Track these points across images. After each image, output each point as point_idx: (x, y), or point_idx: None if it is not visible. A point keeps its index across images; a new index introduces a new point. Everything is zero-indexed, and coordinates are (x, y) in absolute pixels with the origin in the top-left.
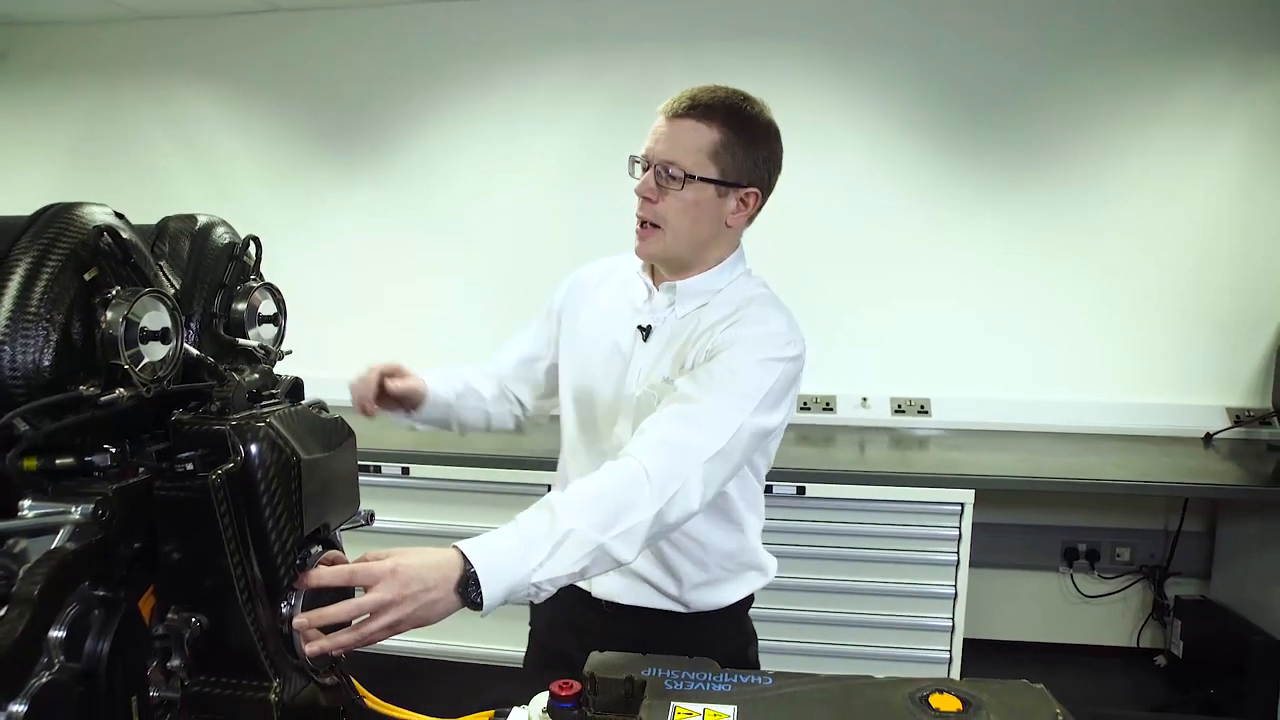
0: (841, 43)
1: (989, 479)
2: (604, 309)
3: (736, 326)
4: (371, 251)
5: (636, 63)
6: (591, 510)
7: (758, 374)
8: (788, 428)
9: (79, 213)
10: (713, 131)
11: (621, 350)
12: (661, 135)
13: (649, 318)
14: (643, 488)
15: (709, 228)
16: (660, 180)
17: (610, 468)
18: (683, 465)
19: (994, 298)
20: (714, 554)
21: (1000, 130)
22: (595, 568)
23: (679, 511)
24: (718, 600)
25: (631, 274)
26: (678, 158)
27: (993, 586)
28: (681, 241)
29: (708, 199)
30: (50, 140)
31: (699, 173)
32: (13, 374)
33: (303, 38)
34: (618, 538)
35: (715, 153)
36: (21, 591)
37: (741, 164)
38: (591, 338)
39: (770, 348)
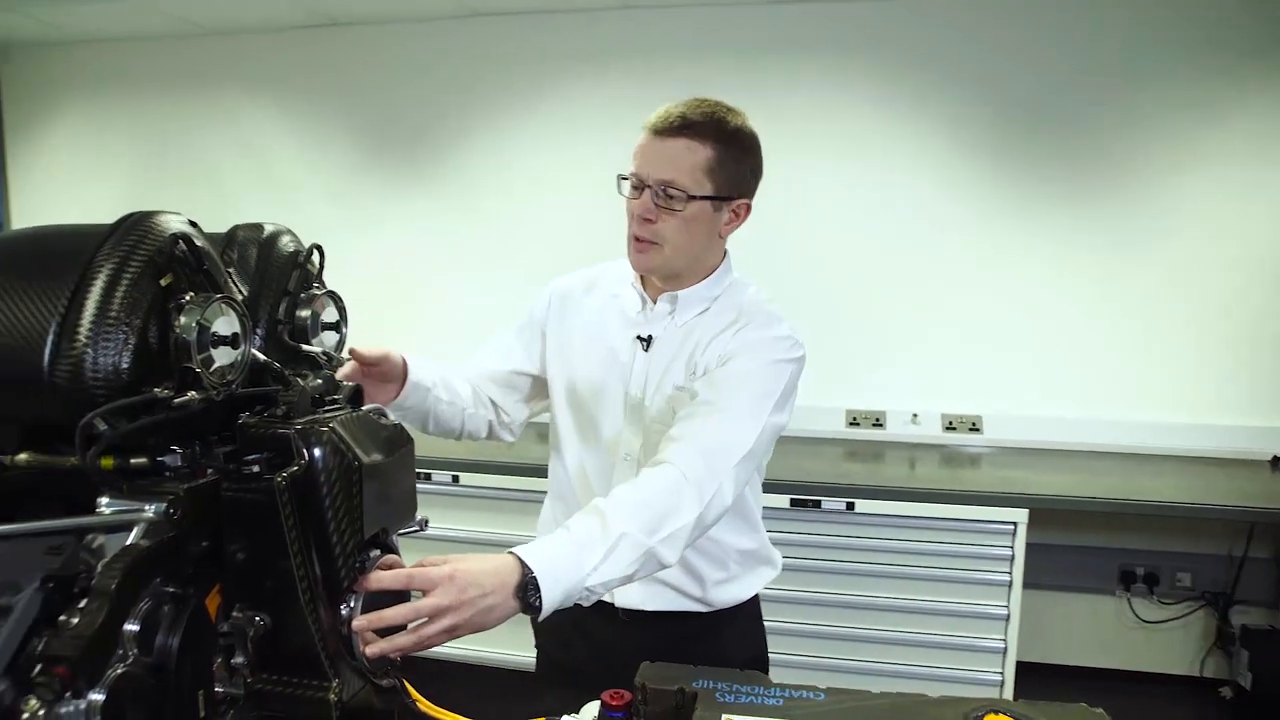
0: (894, 58)
1: (1043, 498)
2: (592, 319)
3: (745, 331)
4: (425, 258)
5: (686, 74)
6: (639, 515)
7: (770, 375)
8: (835, 442)
9: (156, 221)
10: (706, 149)
11: (619, 359)
12: (654, 155)
13: (648, 328)
14: (684, 493)
15: (704, 240)
16: (658, 200)
17: (650, 474)
18: (718, 468)
19: (1049, 313)
20: (730, 551)
21: (1057, 143)
22: (643, 571)
23: (716, 512)
24: (736, 596)
25: (618, 284)
26: (676, 178)
27: (1046, 608)
28: (679, 256)
29: (704, 214)
30: (123, 152)
31: (698, 192)
32: (94, 376)
33: (361, 51)
34: (664, 541)
35: (710, 170)
36: (100, 585)
37: (733, 177)
38: (583, 348)
39: (779, 350)
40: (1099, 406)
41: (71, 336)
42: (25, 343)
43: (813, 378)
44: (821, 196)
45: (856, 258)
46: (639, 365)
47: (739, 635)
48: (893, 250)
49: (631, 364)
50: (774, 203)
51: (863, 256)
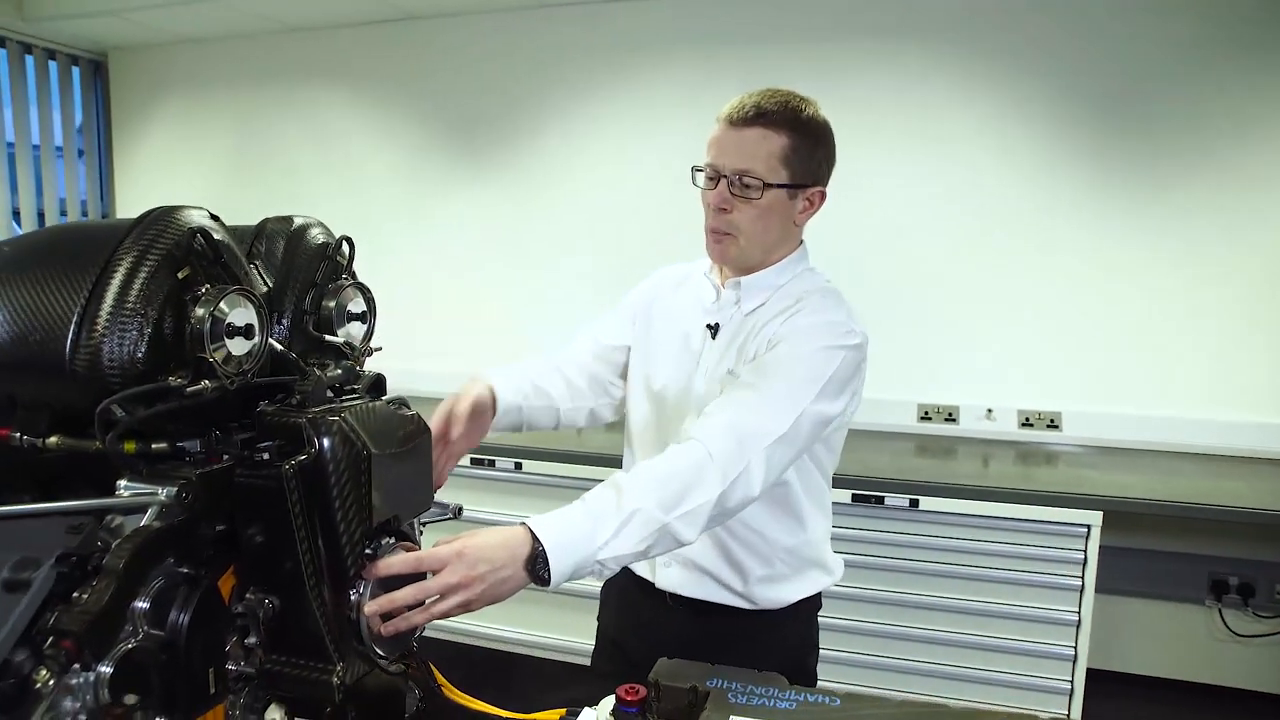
0: (973, 41)
1: (1119, 500)
2: (677, 311)
3: (797, 316)
4: (494, 249)
5: (756, 63)
6: (657, 490)
7: (819, 360)
8: (905, 437)
9: (177, 216)
10: (781, 137)
11: (691, 348)
12: (730, 145)
13: (717, 316)
14: (707, 470)
15: (779, 230)
16: (734, 190)
17: (675, 450)
18: (746, 449)
19: (1135, 306)
20: (775, 548)
21: (1144, 131)
22: (658, 547)
23: (740, 495)
24: (781, 597)
25: (701, 276)
26: (751, 166)
27: (1124, 615)
28: (755, 245)
29: (780, 203)
30: (214, 144)
31: (774, 180)
32: (110, 364)
33: (433, 43)
34: (681, 518)
35: (786, 158)
36: (109, 564)
37: (808, 165)
38: (664, 337)
39: (830, 335)
40: (1187, 404)
41: (91, 326)
42: (50, 331)
43: (883, 370)
44: (897, 186)
45: (931, 248)
46: (707, 354)
47: (783, 641)
48: (969, 240)
49: (701, 353)
50: (848, 192)
51: (938, 246)
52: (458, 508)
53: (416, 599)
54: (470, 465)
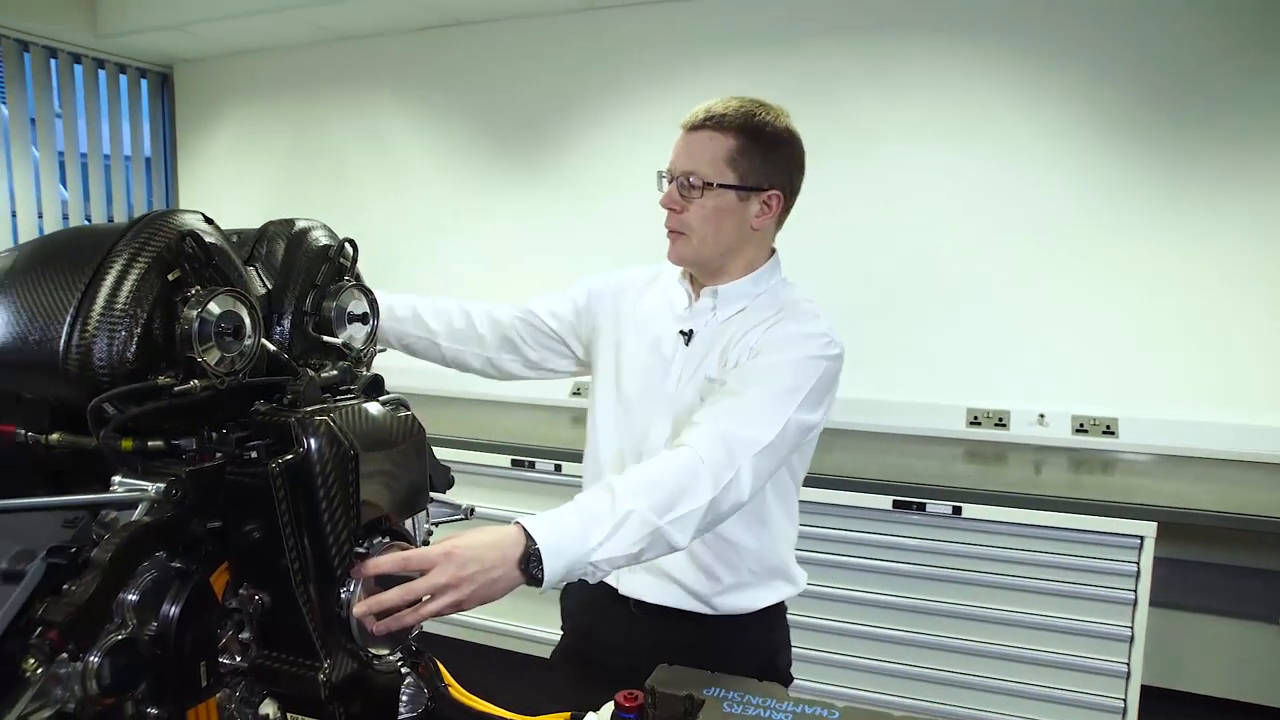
0: (1024, 36)
1: (1177, 511)
2: (646, 313)
3: (779, 326)
4: (543, 251)
5: (806, 63)
6: (650, 494)
7: (801, 370)
8: (953, 442)
9: (170, 219)
10: (728, 139)
11: (663, 353)
12: (681, 148)
13: (690, 322)
14: (700, 475)
15: (734, 232)
16: (683, 190)
17: (667, 455)
18: (736, 456)
19: (1194, 309)
20: (744, 556)
21: (1201, 127)
22: (651, 551)
23: (730, 501)
24: (743, 605)
25: (671, 280)
26: (696, 167)
27: (1184, 631)
28: (708, 246)
29: (730, 205)
30: (273, 150)
31: (718, 179)
32: (100, 363)
33: (481, 47)
34: (674, 523)
35: (732, 159)
36: (96, 557)
37: (760, 168)
38: (633, 339)
39: (812, 346)
40: (1251, 411)
41: (83, 326)
42: (46, 331)
43: (931, 373)
44: (947, 182)
45: (984, 247)
46: (679, 359)
47: (749, 646)
48: (1022, 238)
49: (673, 357)
50: (898, 190)
51: (989, 244)
52: (470, 508)
53: (404, 600)
54: (510, 466)
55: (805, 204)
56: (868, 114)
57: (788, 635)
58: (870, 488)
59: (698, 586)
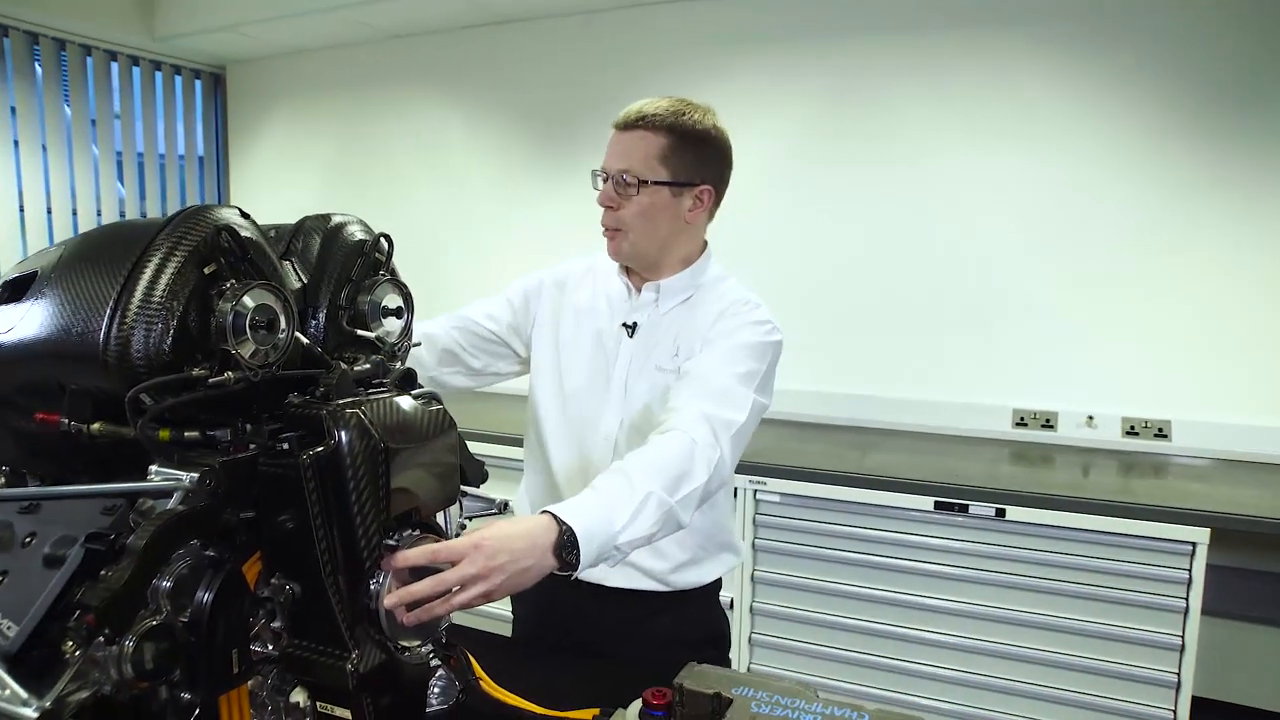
0: (1075, 22)
1: (1230, 517)
2: (583, 306)
3: (728, 317)
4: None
5: (842, 59)
6: (660, 475)
7: (754, 355)
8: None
9: (208, 214)
10: (659, 137)
11: (605, 346)
12: (615, 147)
13: (632, 315)
14: (696, 456)
15: (668, 226)
16: (618, 188)
17: (661, 440)
18: (720, 436)
19: (1251, 307)
20: (695, 533)
21: (1260, 122)
22: (663, 531)
23: (719, 480)
24: (696, 580)
25: (607, 274)
26: (630, 165)
27: (1237, 641)
28: (645, 241)
29: (663, 200)
30: (321, 148)
31: (651, 177)
32: (137, 355)
33: (527, 45)
34: (681, 501)
35: (664, 156)
36: (132, 544)
37: (690, 164)
38: (571, 334)
39: (760, 332)
40: None
41: (121, 318)
42: (89, 323)
43: (976, 373)
44: (992, 180)
45: (1031, 243)
46: (624, 351)
47: (698, 615)
48: (1071, 235)
49: (617, 349)
50: (943, 189)
51: (1038, 242)
52: (504, 503)
53: (434, 591)
54: None
55: (844, 204)
56: (905, 112)
57: (721, 606)
58: (911, 488)
59: (653, 566)
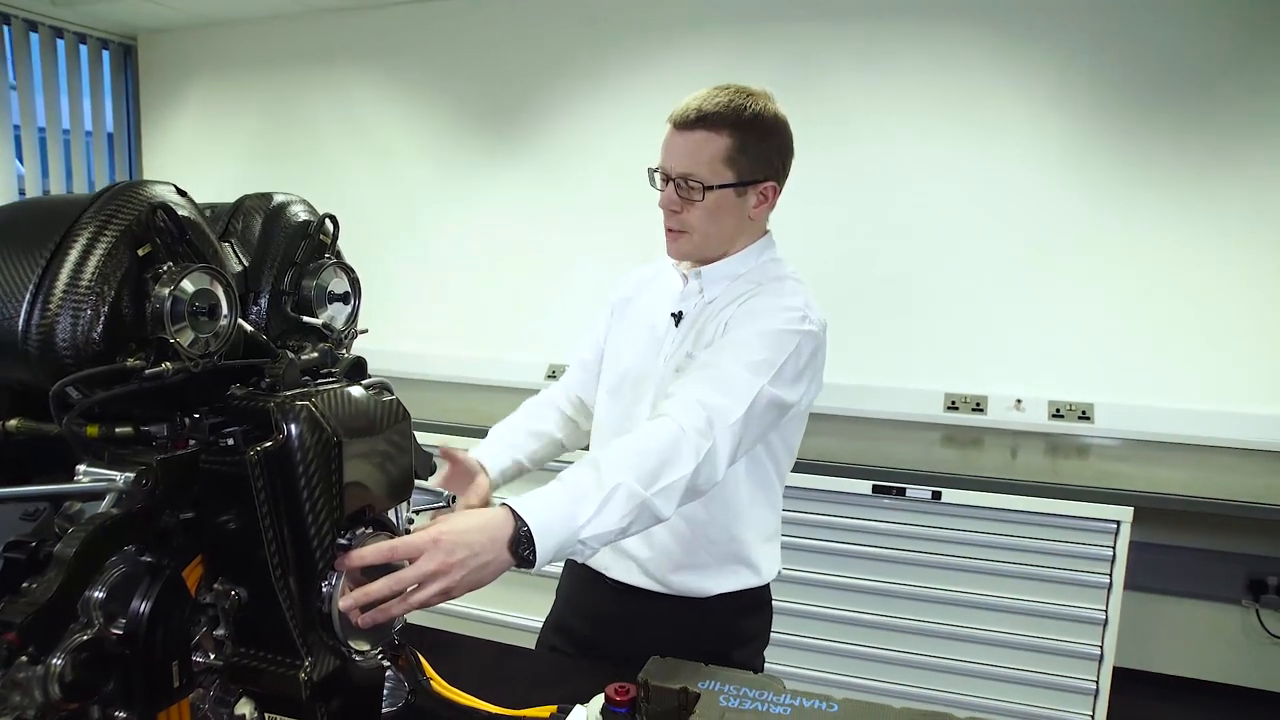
0: (1005, 18)
1: (1152, 496)
2: (648, 304)
3: (754, 300)
4: (520, 230)
5: (789, 46)
6: (636, 466)
7: (772, 343)
8: (931, 427)
9: (140, 191)
10: (723, 138)
11: (656, 336)
12: (675, 149)
13: (681, 305)
14: (682, 444)
15: (734, 225)
16: (681, 192)
17: (649, 426)
18: (714, 425)
19: (1171, 296)
20: (700, 538)
21: (1184, 117)
22: (638, 524)
23: (708, 472)
24: (699, 588)
25: (671, 268)
26: (694, 170)
27: (1156, 614)
28: (710, 241)
29: (729, 202)
30: (244, 127)
31: (716, 181)
32: (63, 344)
33: (462, 24)
34: (659, 493)
35: (729, 158)
36: (59, 552)
37: (755, 162)
38: (634, 329)
39: (784, 319)
40: (1226, 397)
41: (44, 304)
42: (3, 309)
43: (909, 358)
44: (929, 169)
45: (963, 232)
46: (669, 340)
47: (706, 631)
48: (1002, 224)
49: (664, 339)
50: (879, 175)
51: (970, 230)
52: (451, 496)
53: (393, 590)
54: None
55: (786, 187)
56: (851, 99)
57: (760, 628)
58: (850, 472)
59: (649, 564)
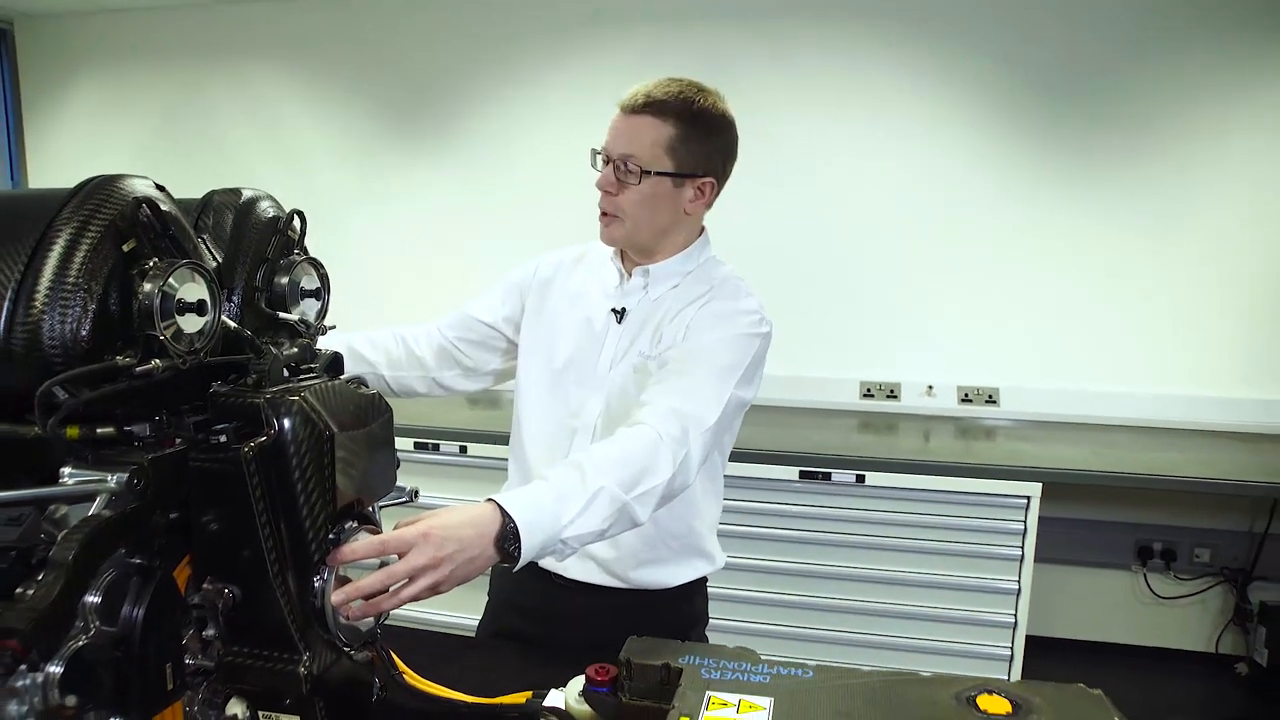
0: (916, 23)
1: (1058, 472)
2: (575, 291)
3: (712, 303)
4: (436, 228)
5: (704, 42)
6: (617, 470)
7: (736, 348)
8: (849, 414)
9: (120, 185)
10: (667, 126)
11: (594, 330)
12: (619, 131)
13: (622, 301)
14: (660, 452)
15: (668, 216)
16: (619, 174)
17: (626, 434)
18: (689, 433)
19: (1069, 285)
20: (663, 533)
21: (1080, 115)
22: (616, 527)
23: (682, 479)
24: (660, 581)
25: (600, 260)
26: (634, 153)
27: (1060, 583)
28: (642, 229)
29: (665, 191)
30: (138, 122)
31: (655, 167)
32: (51, 343)
33: (375, 17)
34: (638, 498)
35: (671, 147)
36: (57, 556)
37: (696, 155)
38: (563, 319)
39: (745, 324)
40: (1119, 380)
41: (28, 302)
42: None
43: (827, 349)
44: (841, 163)
45: (874, 225)
46: (611, 337)
47: (664, 619)
48: (911, 217)
49: (605, 335)
50: (792, 169)
51: (880, 224)
52: (414, 490)
53: (384, 584)
54: (414, 450)
55: None
56: (765, 93)
57: (705, 608)
58: (777, 459)
59: (613, 562)
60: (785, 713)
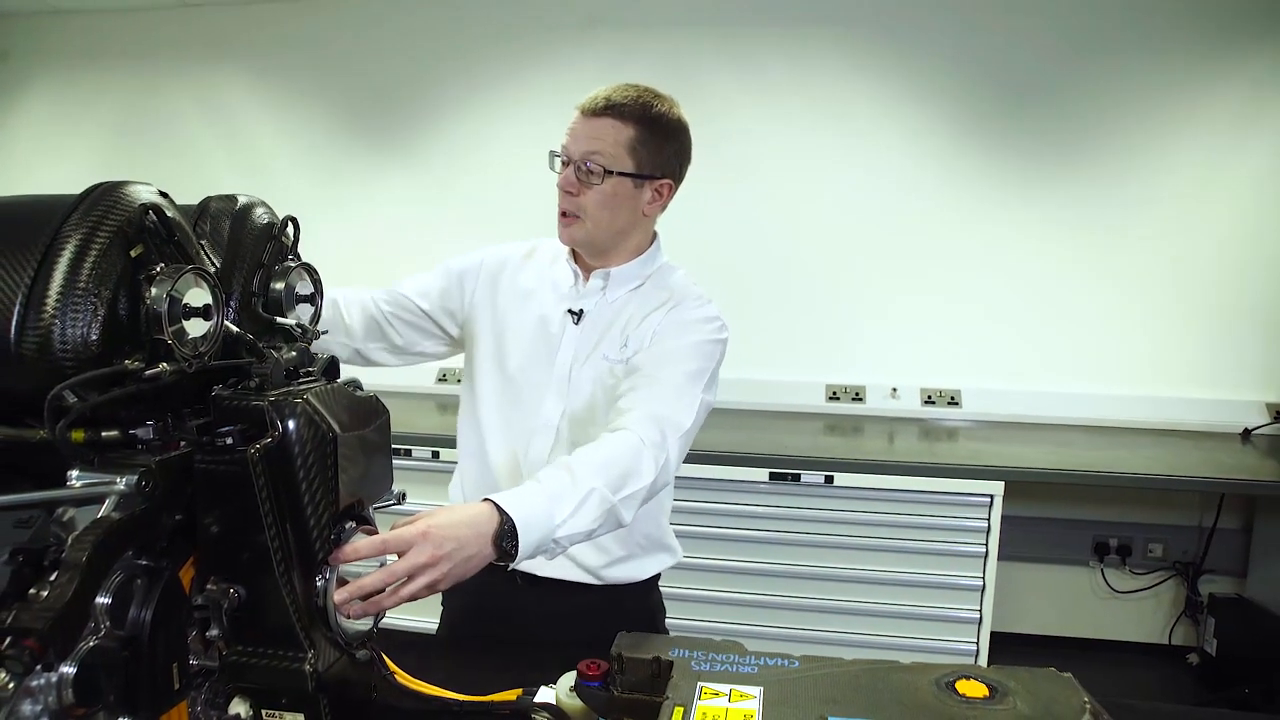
0: (874, 31)
1: (1019, 471)
2: (525, 289)
3: (677, 311)
4: (400, 233)
5: (668, 49)
6: (605, 472)
7: (702, 354)
8: (815, 416)
9: (126, 191)
10: (628, 128)
11: (550, 331)
12: (580, 132)
13: (579, 302)
14: (643, 456)
15: (627, 217)
16: (580, 175)
17: (610, 438)
18: (667, 437)
19: (1027, 290)
20: (634, 531)
21: (1035, 121)
22: (603, 529)
23: (663, 481)
24: (630, 576)
25: (552, 259)
26: (599, 151)
27: (1021, 579)
28: (601, 229)
29: (625, 191)
30: (92, 126)
31: (617, 167)
32: (62, 347)
33: (337, 23)
34: (624, 500)
35: (632, 148)
36: (71, 557)
37: (655, 157)
38: (514, 317)
39: (709, 330)
40: (1076, 381)
41: (39, 308)
42: None
43: (793, 352)
44: (805, 169)
45: (838, 230)
46: (569, 338)
47: (631, 612)
48: (874, 223)
49: (561, 336)
50: (758, 175)
51: (844, 229)
52: (401, 493)
53: (386, 582)
54: None
55: None
56: (727, 100)
57: (662, 600)
58: (747, 461)
59: (588, 560)
60: (775, 700)
